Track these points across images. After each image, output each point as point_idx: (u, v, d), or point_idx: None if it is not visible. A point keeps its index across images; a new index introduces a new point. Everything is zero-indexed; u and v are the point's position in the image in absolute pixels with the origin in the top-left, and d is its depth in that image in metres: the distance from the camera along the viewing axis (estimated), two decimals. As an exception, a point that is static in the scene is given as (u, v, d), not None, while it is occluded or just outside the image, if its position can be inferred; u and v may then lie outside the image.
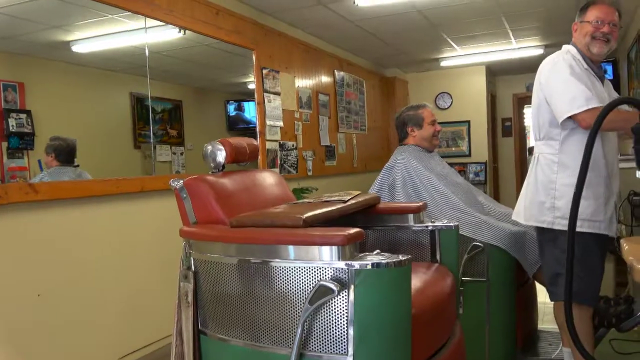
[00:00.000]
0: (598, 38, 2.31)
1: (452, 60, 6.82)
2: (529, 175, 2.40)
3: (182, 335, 1.69)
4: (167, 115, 4.35)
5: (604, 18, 2.32)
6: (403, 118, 2.97)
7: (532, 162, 2.42)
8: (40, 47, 3.31)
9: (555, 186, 2.25)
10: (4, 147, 2.86)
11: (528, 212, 2.35)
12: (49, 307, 2.58)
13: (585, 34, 2.33)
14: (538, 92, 2.35)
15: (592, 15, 2.35)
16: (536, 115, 2.36)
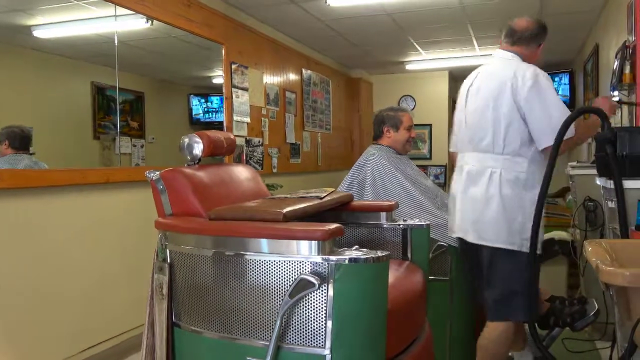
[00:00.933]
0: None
1: (416, 64, 6.94)
2: (478, 190, 2.24)
3: (154, 327, 1.68)
4: (129, 107, 4.27)
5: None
6: (382, 116, 3.01)
7: (479, 176, 2.25)
8: (0, 29, 3.21)
9: (526, 205, 2.18)
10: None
11: (487, 232, 2.23)
12: (8, 298, 2.50)
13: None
14: (512, 107, 2.17)
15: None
16: (504, 129, 2.19)
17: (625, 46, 3.32)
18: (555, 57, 6.63)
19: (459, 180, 2.36)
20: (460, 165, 2.40)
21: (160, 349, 1.65)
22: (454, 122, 2.51)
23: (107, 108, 3.90)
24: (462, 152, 2.40)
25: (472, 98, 2.33)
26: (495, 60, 2.38)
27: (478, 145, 2.26)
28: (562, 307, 2.63)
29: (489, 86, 2.25)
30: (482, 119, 2.24)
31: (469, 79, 2.45)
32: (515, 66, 2.23)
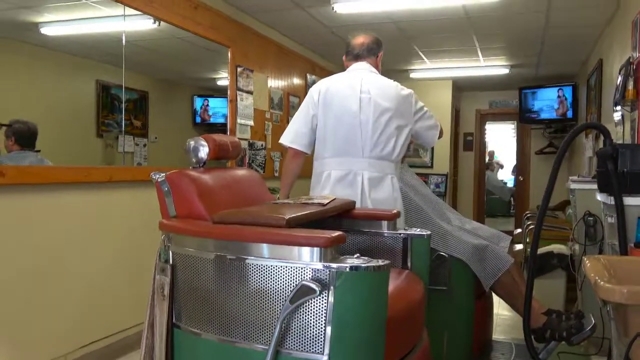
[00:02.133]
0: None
1: (420, 72, 6.97)
2: (384, 194, 2.52)
3: (154, 327, 1.69)
4: (132, 106, 4.29)
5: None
6: None
7: (380, 181, 2.53)
8: (6, 26, 3.23)
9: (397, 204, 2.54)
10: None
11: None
12: (10, 294, 2.52)
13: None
14: (409, 119, 2.60)
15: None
16: (403, 139, 2.57)
17: (629, 62, 3.34)
18: (560, 70, 6.67)
19: (350, 185, 2.50)
20: (349, 169, 2.51)
21: (159, 350, 1.66)
22: (321, 123, 2.58)
23: (111, 106, 3.92)
24: (349, 156, 2.53)
25: (371, 107, 2.51)
26: (369, 73, 2.64)
27: (379, 154, 2.51)
28: (558, 321, 2.64)
29: (385, 100, 2.53)
30: (386, 130, 2.51)
31: (348, 82, 2.61)
32: (395, 83, 2.63)
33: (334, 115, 2.54)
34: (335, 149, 2.54)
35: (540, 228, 2.10)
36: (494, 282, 2.70)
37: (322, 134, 2.57)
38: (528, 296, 2.16)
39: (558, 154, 2.03)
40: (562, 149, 2.01)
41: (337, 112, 2.54)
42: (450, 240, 2.66)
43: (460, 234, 2.72)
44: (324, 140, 2.57)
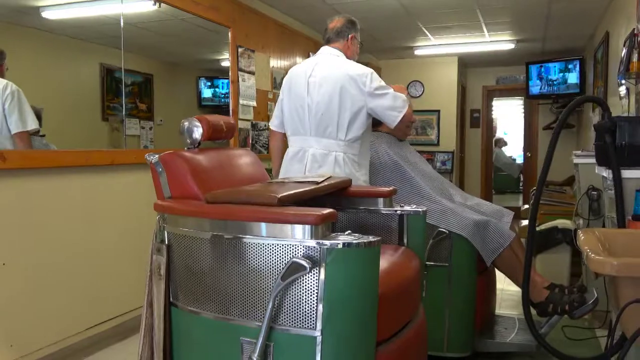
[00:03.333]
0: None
1: (425, 49, 6.90)
2: (326, 170, 2.59)
3: (152, 307, 1.72)
4: (137, 89, 4.30)
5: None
6: None
7: (330, 159, 2.63)
8: (8, 11, 3.23)
9: (359, 180, 2.63)
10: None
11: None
12: (16, 275, 2.56)
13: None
14: (360, 99, 2.61)
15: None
16: (348, 120, 2.62)
17: (634, 34, 3.28)
18: (567, 44, 6.57)
19: (298, 161, 2.70)
20: (299, 147, 2.72)
21: (158, 328, 1.69)
22: (285, 105, 2.81)
23: (115, 90, 3.93)
24: (301, 135, 2.72)
25: (315, 90, 2.65)
26: (327, 57, 2.75)
27: (323, 133, 2.65)
28: (561, 295, 2.65)
29: (329, 83, 2.62)
30: (327, 111, 2.62)
31: (303, 68, 2.77)
32: (348, 65, 2.68)
33: (290, 98, 2.77)
34: (292, 128, 2.78)
35: (539, 201, 2.09)
36: (495, 257, 2.70)
37: (286, 117, 2.82)
38: (527, 269, 2.17)
39: (555, 129, 2.01)
40: (559, 124, 1.99)
41: (293, 95, 2.76)
42: (450, 217, 2.66)
43: (461, 210, 2.73)
44: (287, 122, 2.82)
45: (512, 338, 2.77)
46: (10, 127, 2.76)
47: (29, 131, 2.83)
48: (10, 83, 2.81)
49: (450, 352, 2.68)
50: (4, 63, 2.87)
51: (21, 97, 2.82)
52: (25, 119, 2.80)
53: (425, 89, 7.58)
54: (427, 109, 7.53)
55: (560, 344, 2.74)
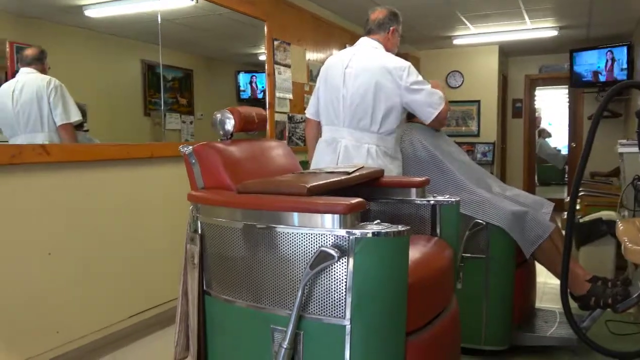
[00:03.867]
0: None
1: (465, 38, 6.77)
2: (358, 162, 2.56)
3: (187, 295, 1.76)
4: (178, 84, 4.38)
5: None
6: None
7: (362, 151, 2.63)
8: (53, 10, 3.34)
9: (392, 172, 2.63)
10: (18, 110, 2.91)
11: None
12: (61, 265, 2.66)
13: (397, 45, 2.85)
14: (395, 93, 2.60)
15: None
16: (383, 113, 2.61)
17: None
18: (613, 29, 6.33)
19: (331, 151, 2.70)
20: (332, 137, 2.73)
21: (192, 316, 1.72)
22: (321, 94, 2.82)
23: (157, 85, 4.01)
24: (335, 125, 2.73)
25: (351, 81, 2.65)
26: (365, 48, 2.74)
27: (357, 125, 2.65)
28: (603, 288, 2.57)
29: (365, 75, 2.62)
30: (362, 102, 2.61)
31: (341, 58, 2.77)
32: (386, 57, 2.66)
33: (327, 88, 2.77)
34: (326, 118, 2.79)
35: (578, 192, 2.03)
36: (535, 249, 2.65)
37: (321, 105, 2.83)
38: (565, 261, 2.11)
39: (594, 117, 1.95)
40: (597, 111, 1.93)
41: (328, 85, 2.76)
42: (488, 208, 2.62)
43: (499, 201, 2.68)
44: (321, 111, 2.83)
45: (552, 332, 2.71)
46: (55, 119, 2.87)
47: (72, 123, 2.93)
48: (53, 78, 2.92)
49: (487, 345, 2.64)
50: (46, 61, 2.97)
51: (64, 90, 2.92)
52: (69, 111, 2.91)
53: (465, 79, 7.45)
54: (467, 100, 7.40)
55: (603, 338, 2.67)
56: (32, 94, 2.88)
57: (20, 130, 2.85)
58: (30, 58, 2.91)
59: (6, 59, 2.92)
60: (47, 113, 2.88)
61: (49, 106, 2.88)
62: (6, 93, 2.85)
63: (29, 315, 2.50)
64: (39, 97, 2.88)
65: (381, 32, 2.78)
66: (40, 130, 2.86)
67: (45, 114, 2.87)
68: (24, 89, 2.87)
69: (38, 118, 2.86)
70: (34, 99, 2.88)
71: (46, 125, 2.87)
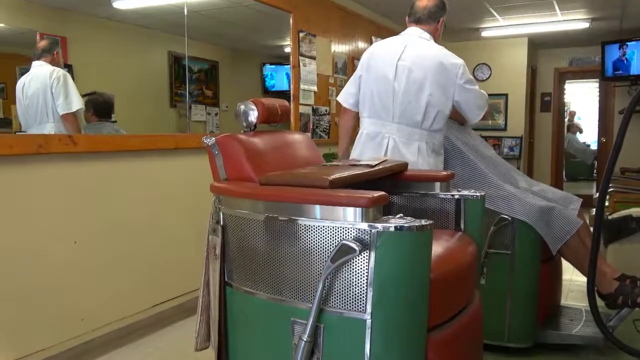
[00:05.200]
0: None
1: (493, 30, 6.65)
2: (409, 158, 2.48)
3: (209, 286, 1.77)
4: (204, 76, 4.40)
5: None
6: None
7: (407, 146, 2.54)
8: (82, 1, 3.38)
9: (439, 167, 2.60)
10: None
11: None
12: (86, 253, 2.70)
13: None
14: (450, 91, 2.52)
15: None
16: (432, 107, 2.51)
17: None
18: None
19: (375, 146, 2.60)
20: (378, 131, 2.60)
21: (214, 307, 1.73)
22: (364, 84, 2.67)
23: (183, 77, 4.04)
24: (382, 119, 2.60)
25: (404, 75, 2.52)
26: (417, 39, 2.62)
27: (408, 120, 2.54)
28: (632, 287, 2.51)
29: (420, 69, 2.50)
30: (417, 99, 2.50)
31: (392, 48, 2.63)
32: (441, 52, 2.56)
33: (373, 79, 2.61)
34: (370, 110, 2.64)
35: (607, 188, 1.98)
36: (561, 245, 2.60)
37: (363, 95, 2.68)
38: (593, 258, 2.06)
39: (626, 111, 1.89)
40: (630, 105, 1.87)
41: (376, 76, 2.60)
42: (513, 203, 2.57)
43: (525, 196, 2.63)
44: (364, 101, 2.68)
45: (578, 330, 2.66)
46: (57, 109, 2.89)
47: (74, 112, 2.95)
48: (57, 69, 2.93)
49: (511, 342, 2.61)
50: (56, 51, 2.99)
51: (67, 80, 2.94)
52: (70, 101, 2.92)
53: (493, 72, 7.33)
54: (495, 93, 7.28)
55: (630, 338, 2.61)
56: (38, 85, 2.92)
57: (31, 122, 2.91)
58: (40, 50, 2.94)
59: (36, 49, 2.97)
60: (51, 103, 2.91)
61: (52, 96, 2.90)
62: (19, 87, 2.90)
63: (55, 303, 2.55)
64: (44, 88, 2.91)
65: (431, 22, 2.66)
66: (47, 121, 2.90)
67: (49, 104, 2.90)
68: (31, 81, 2.91)
69: (44, 109, 2.90)
70: (40, 90, 2.91)
71: (51, 115, 2.90)
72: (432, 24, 2.67)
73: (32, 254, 2.45)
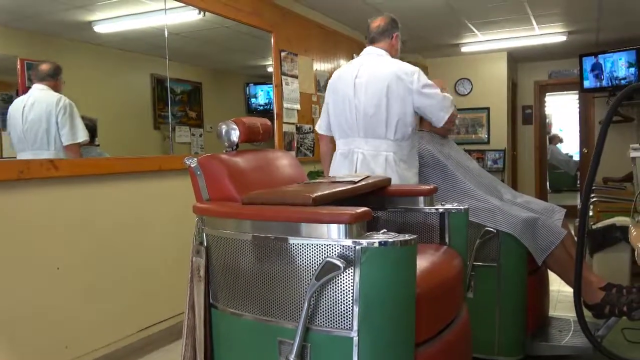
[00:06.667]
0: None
1: (472, 46, 6.74)
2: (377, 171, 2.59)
3: (194, 308, 1.74)
4: (187, 97, 4.39)
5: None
6: None
7: (374, 158, 2.63)
8: (62, 26, 3.37)
9: (410, 180, 2.63)
10: (28, 125, 2.92)
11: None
12: (69, 279, 2.66)
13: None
14: (407, 98, 2.60)
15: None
16: (393, 117, 2.61)
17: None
18: (623, 34, 6.28)
19: (348, 163, 2.70)
20: (348, 148, 2.72)
21: (199, 329, 1.71)
22: (331, 108, 2.82)
23: (166, 99, 4.03)
24: (349, 137, 2.72)
25: (362, 91, 2.64)
26: (372, 57, 2.75)
27: (372, 133, 2.64)
28: (618, 296, 2.52)
29: (376, 83, 2.62)
30: (377, 111, 2.61)
31: (349, 69, 2.77)
32: (395, 64, 2.68)
33: (337, 101, 2.76)
34: (340, 131, 2.78)
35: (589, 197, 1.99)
36: (547, 256, 2.61)
37: (332, 119, 2.82)
38: (578, 268, 2.07)
39: (604, 121, 1.92)
40: (607, 115, 1.90)
41: (340, 98, 2.74)
42: (498, 215, 2.58)
43: (509, 208, 2.64)
44: (334, 125, 2.82)
45: (567, 341, 2.66)
46: (62, 138, 2.88)
47: (79, 143, 2.94)
48: (63, 97, 2.93)
49: (500, 355, 2.60)
50: (59, 78, 2.98)
51: (73, 110, 2.93)
52: (75, 132, 2.91)
53: (474, 87, 7.42)
54: (476, 107, 7.36)
55: (619, 347, 2.61)
56: (41, 111, 2.89)
57: (27, 147, 2.87)
58: (43, 74, 2.92)
59: (17, 76, 2.94)
60: (55, 132, 2.89)
61: (56, 125, 2.89)
62: (17, 109, 2.87)
63: (38, 330, 2.50)
64: (48, 115, 2.89)
65: (385, 39, 2.79)
66: (47, 149, 2.87)
67: (52, 132, 2.88)
68: (34, 105, 2.88)
69: (45, 136, 2.87)
70: (43, 116, 2.89)
71: (53, 143, 2.87)
72: (386, 41, 2.79)
73: (14, 281, 2.41)
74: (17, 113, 2.85)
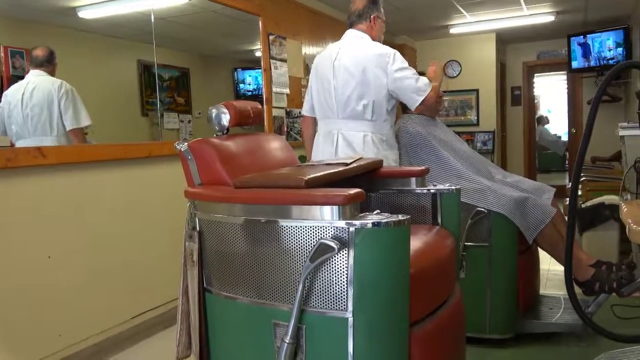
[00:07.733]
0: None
1: (461, 27, 6.73)
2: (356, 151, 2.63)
3: (187, 293, 1.74)
4: (175, 83, 4.36)
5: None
6: None
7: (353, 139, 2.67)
8: (46, 13, 3.32)
9: (390, 162, 2.67)
10: (13, 113, 2.88)
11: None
12: (61, 267, 2.65)
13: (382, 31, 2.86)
14: (383, 80, 2.63)
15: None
16: (369, 98, 2.65)
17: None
18: (610, 13, 6.29)
19: (329, 144, 2.73)
20: (328, 130, 2.76)
21: (193, 314, 1.71)
22: (314, 90, 2.87)
23: (154, 85, 3.99)
24: (330, 118, 2.76)
25: (340, 73, 2.68)
26: (351, 39, 2.79)
27: (350, 114, 2.68)
28: (608, 273, 2.56)
29: (353, 65, 2.65)
30: (353, 92, 2.65)
31: (329, 52, 2.82)
32: (373, 46, 2.70)
33: (318, 84, 2.82)
34: (320, 112, 2.84)
35: (579, 176, 2.00)
36: (537, 235, 2.63)
37: (315, 101, 2.88)
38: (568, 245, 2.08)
39: (593, 100, 1.92)
40: (597, 94, 1.89)
41: (320, 80, 2.80)
42: (489, 195, 2.60)
43: (499, 188, 2.66)
44: (316, 107, 2.88)
45: (558, 318, 2.70)
46: (66, 123, 2.87)
47: (82, 128, 2.92)
48: (64, 82, 2.90)
49: (492, 334, 2.63)
50: (55, 62, 2.95)
51: (75, 95, 2.92)
52: (79, 117, 2.91)
53: (463, 68, 7.42)
54: (465, 89, 7.37)
55: (609, 323, 2.64)
56: (43, 97, 2.87)
57: (28, 133, 2.84)
58: (40, 59, 2.89)
59: (1, 64, 2.90)
60: (57, 117, 2.87)
61: (59, 110, 2.87)
62: (15, 95, 2.83)
63: (31, 319, 2.49)
64: (50, 100, 2.87)
65: (363, 22, 2.80)
66: (49, 134, 2.85)
67: (55, 117, 2.86)
68: (34, 91, 2.85)
69: (47, 122, 2.85)
70: (45, 102, 2.87)
71: (55, 129, 2.86)
72: (365, 23, 2.80)
73: (5, 270, 2.39)
74: (16, 100, 2.82)
